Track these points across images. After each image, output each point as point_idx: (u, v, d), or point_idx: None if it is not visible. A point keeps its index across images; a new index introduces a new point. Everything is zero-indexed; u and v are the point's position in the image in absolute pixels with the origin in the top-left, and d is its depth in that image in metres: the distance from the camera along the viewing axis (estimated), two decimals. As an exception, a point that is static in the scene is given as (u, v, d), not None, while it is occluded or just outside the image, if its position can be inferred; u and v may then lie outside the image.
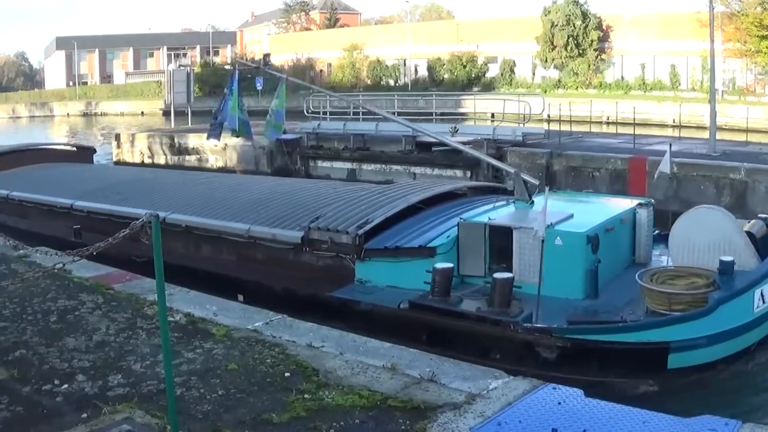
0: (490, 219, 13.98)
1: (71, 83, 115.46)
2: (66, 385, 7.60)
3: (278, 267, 15.18)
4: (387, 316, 12.65)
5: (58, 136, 71.55)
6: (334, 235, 14.38)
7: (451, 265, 12.85)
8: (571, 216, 13.72)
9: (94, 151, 33.97)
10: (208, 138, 18.84)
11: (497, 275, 12.26)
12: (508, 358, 11.18)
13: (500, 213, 14.65)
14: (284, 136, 34.06)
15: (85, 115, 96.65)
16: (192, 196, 19.15)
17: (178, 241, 16.65)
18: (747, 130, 34.87)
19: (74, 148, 32.81)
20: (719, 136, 26.46)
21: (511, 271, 12.78)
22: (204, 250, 16.85)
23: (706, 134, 28.89)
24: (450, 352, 9.22)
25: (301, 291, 14.03)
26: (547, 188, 13.72)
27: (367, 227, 14.28)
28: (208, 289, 11.49)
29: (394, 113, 35.27)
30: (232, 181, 22.36)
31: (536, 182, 15.83)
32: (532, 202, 15.05)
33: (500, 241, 13.38)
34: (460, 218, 14.12)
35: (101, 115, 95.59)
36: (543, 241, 11.67)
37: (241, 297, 12.98)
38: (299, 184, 20.23)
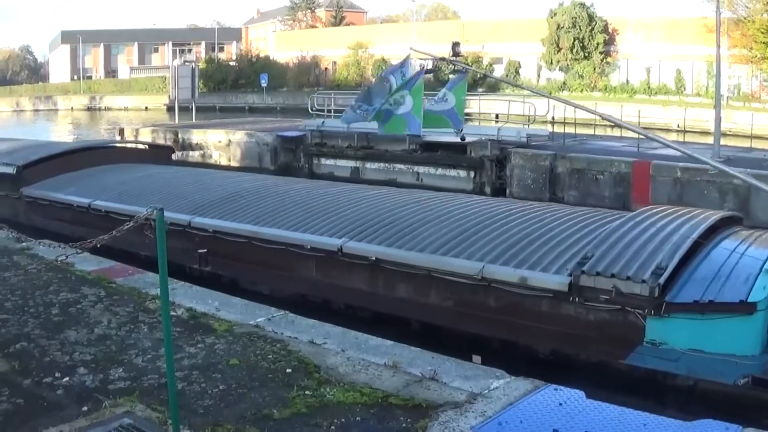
0: None
1: (76, 77, 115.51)
2: (67, 378, 7.59)
3: (526, 319, 11.52)
4: (722, 395, 9.40)
5: (62, 130, 71.57)
6: (621, 284, 10.80)
7: None
8: None
9: (173, 150, 30.60)
10: (346, 122, 17.09)
11: None
12: None
13: None
14: (288, 133, 34.20)
15: (89, 109, 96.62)
16: (361, 216, 14.79)
17: (360, 276, 13.30)
18: (751, 137, 34.83)
19: (147, 147, 29.03)
20: (723, 141, 26.41)
21: None
22: (402, 291, 13.01)
23: (710, 139, 28.82)
24: None
25: (571, 353, 10.82)
26: None
27: (666, 274, 10.94)
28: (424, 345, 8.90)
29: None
30: (372, 193, 17.24)
31: None
32: None
33: None
34: None
35: (105, 109, 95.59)
36: None
37: (478, 358, 9.81)
38: (477, 204, 15.31)
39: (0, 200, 21.81)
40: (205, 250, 15.08)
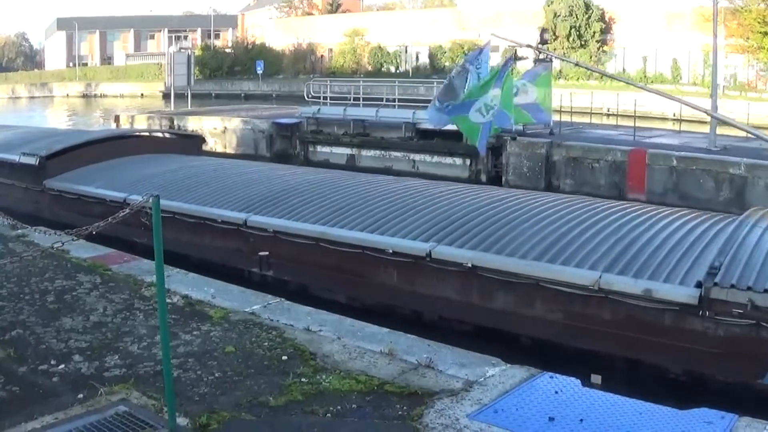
0: None
1: (71, 64, 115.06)
2: (63, 366, 7.59)
3: (649, 334, 10.51)
4: None
5: (58, 117, 71.38)
6: (758, 297, 9.77)
7: None
8: None
9: (203, 140, 29.34)
10: (435, 124, 15.88)
11: None
12: None
13: None
14: (283, 120, 34.18)
15: (84, 96, 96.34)
16: (447, 216, 13.43)
17: (452, 284, 12.12)
18: (748, 126, 34.78)
19: (175, 136, 27.67)
20: (719, 131, 26.40)
21: None
22: (501, 301, 11.69)
23: (706, 128, 28.83)
24: None
25: (705, 372, 9.93)
26: None
27: None
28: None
29: (394, 100, 35.40)
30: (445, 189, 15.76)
31: None
32: None
33: None
34: None
35: (101, 96, 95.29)
36: None
37: (598, 378, 9.26)
38: (572, 204, 13.96)
39: (21, 194, 20.76)
40: (267, 253, 13.82)
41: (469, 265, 11.77)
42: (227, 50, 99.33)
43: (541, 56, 12.03)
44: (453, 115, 13.35)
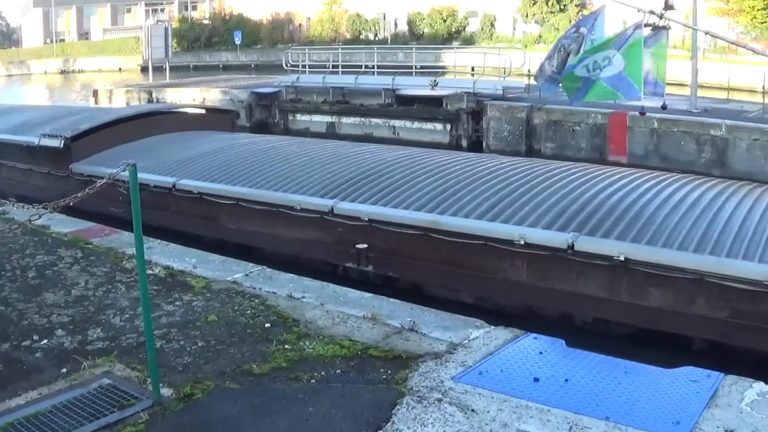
0: None
1: (49, 41, 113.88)
2: (45, 341, 7.55)
3: None
4: None
5: (36, 93, 70.75)
6: None
7: None
8: None
9: (237, 115, 27.22)
10: (548, 93, 14.65)
11: None
12: None
13: None
14: (262, 90, 34.06)
15: (63, 72, 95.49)
16: (584, 201, 11.72)
17: (595, 280, 10.59)
18: (728, 89, 34.88)
19: (209, 112, 24.71)
20: (700, 93, 26.41)
21: None
22: (656, 299, 10.19)
23: (686, 91, 28.83)
24: None
25: None
26: None
27: None
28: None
29: (373, 67, 35.29)
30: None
31: None
32: None
33: None
34: None
35: (79, 72, 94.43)
36: None
37: None
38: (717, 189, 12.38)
39: (41, 180, 18.73)
40: (365, 246, 12.10)
41: (622, 258, 10.15)
42: (204, 21, 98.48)
43: (661, 23, 10.21)
44: (563, 76, 11.99)
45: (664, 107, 12.97)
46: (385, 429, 5.71)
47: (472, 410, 5.97)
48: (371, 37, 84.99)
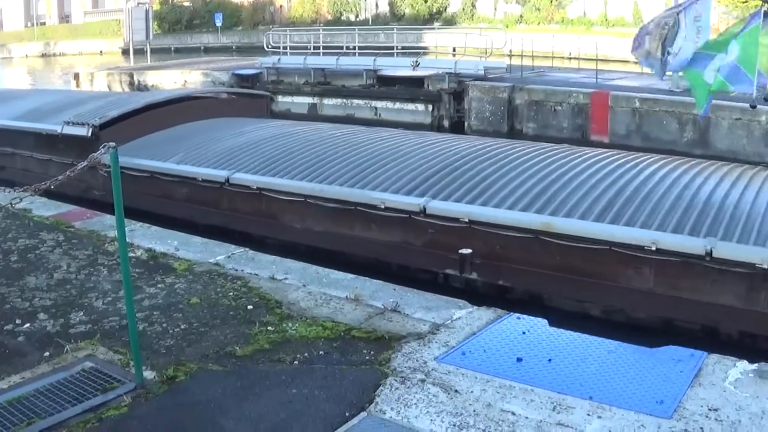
0: None
1: (29, 24, 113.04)
2: (28, 324, 7.52)
3: None
4: None
5: (17, 77, 70.23)
6: None
7: None
8: None
9: (271, 99, 26.49)
10: (661, 76, 13.89)
11: None
12: None
13: None
14: (244, 71, 33.91)
15: (44, 55, 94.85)
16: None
17: (734, 289, 9.12)
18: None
19: (243, 97, 23.32)
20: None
21: None
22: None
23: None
24: None
25: None
26: None
27: None
28: None
29: (354, 48, 35.19)
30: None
31: None
32: None
33: None
34: None
35: (60, 55, 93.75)
36: None
37: None
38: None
39: (65, 171, 17.20)
40: (470, 251, 10.60)
41: (765, 266, 8.80)
42: (185, 4, 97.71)
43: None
44: (686, 68, 11.28)
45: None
46: (369, 410, 5.73)
47: (456, 391, 6.00)
48: (352, 18, 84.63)
